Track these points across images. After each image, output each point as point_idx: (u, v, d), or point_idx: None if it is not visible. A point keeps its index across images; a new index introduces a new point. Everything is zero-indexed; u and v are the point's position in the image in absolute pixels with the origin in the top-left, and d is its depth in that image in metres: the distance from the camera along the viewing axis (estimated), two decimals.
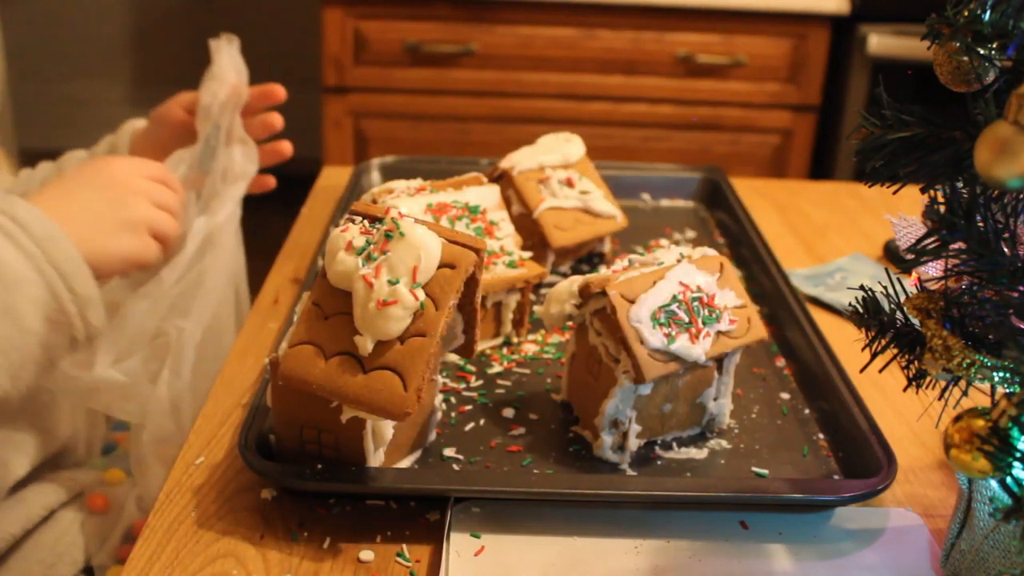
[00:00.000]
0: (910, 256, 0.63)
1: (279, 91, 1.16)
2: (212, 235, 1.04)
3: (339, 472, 0.77)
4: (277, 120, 1.17)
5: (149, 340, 0.97)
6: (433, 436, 0.86)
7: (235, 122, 1.11)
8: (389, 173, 1.35)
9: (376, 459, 0.78)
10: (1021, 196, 0.59)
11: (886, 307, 0.69)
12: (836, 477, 0.84)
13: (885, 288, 0.70)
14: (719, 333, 0.84)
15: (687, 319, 0.82)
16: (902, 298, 0.68)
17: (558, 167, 1.16)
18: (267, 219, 1.28)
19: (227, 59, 1.13)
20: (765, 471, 0.84)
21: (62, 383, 0.91)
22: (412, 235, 0.72)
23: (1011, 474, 0.57)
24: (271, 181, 1.20)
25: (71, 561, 0.95)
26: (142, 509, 0.96)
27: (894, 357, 0.70)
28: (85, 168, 0.97)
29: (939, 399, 0.66)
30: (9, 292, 0.83)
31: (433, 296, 0.72)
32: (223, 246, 1.06)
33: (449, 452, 0.85)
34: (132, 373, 0.94)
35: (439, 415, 0.87)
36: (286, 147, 1.19)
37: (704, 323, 0.83)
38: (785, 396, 0.95)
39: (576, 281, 0.86)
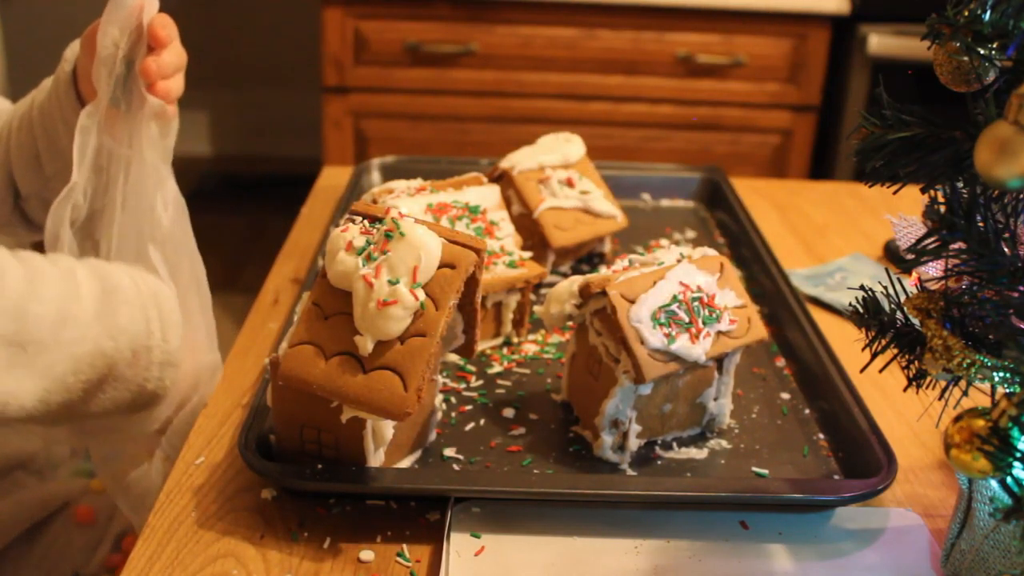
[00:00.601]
0: (910, 256, 0.63)
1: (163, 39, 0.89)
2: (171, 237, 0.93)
3: (339, 472, 0.77)
4: (174, 90, 0.92)
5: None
6: (433, 436, 0.86)
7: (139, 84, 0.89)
8: (389, 173, 1.35)
9: (376, 459, 0.78)
10: (1021, 196, 0.59)
11: (886, 307, 0.69)
12: (836, 477, 0.84)
13: (885, 288, 0.70)
14: (719, 333, 0.84)
15: (687, 319, 0.82)
16: (902, 298, 0.68)
17: (558, 167, 1.16)
18: (267, 219, 1.27)
19: None
20: (765, 471, 0.84)
21: None
22: (412, 235, 0.72)
23: (1011, 474, 0.57)
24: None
25: (60, 574, 0.94)
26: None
27: (894, 357, 0.70)
28: None
29: (939, 399, 0.66)
30: (113, 310, 0.81)
31: (433, 296, 0.72)
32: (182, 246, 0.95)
33: (449, 452, 0.85)
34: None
35: (439, 415, 0.87)
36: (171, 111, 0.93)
37: (704, 323, 0.83)
38: (785, 396, 0.95)
39: (576, 281, 0.86)
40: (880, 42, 2.16)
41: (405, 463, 0.83)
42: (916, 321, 0.66)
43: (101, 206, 0.90)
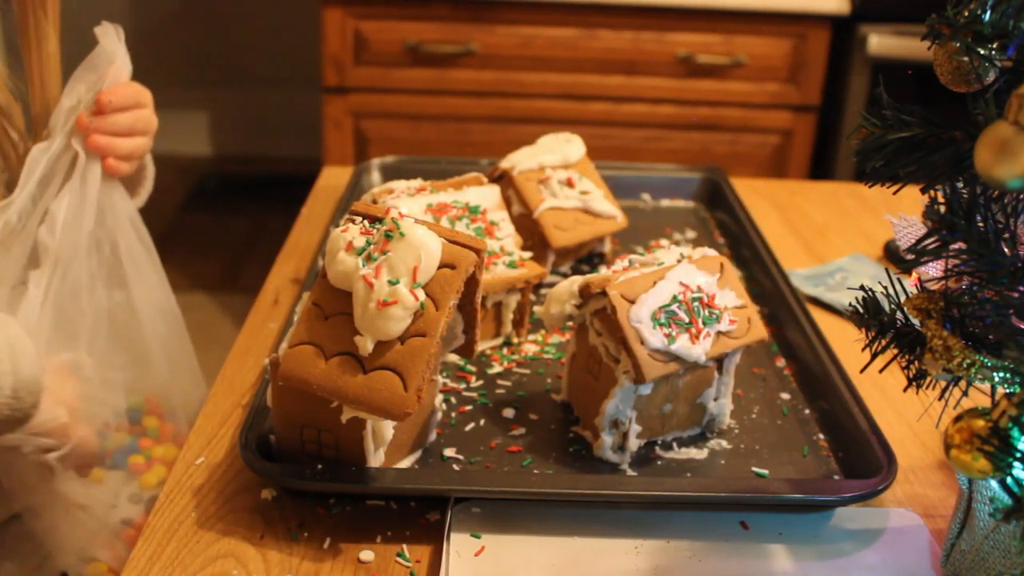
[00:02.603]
0: (910, 256, 0.63)
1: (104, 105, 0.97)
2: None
3: (339, 472, 0.77)
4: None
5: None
6: (433, 436, 0.86)
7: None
8: (389, 173, 1.35)
9: (376, 459, 0.78)
10: (1021, 196, 0.59)
11: (886, 307, 0.69)
12: (836, 477, 0.84)
13: (885, 288, 0.70)
14: (719, 333, 0.84)
15: (687, 319, 0.82)
16: (902, 298, 0.68)
17: (558, 167, 1.16)
18: (267, 219, 1.27)
19: (110, 55, 0.97)
20: (765, 471, 0.84)
21: None
22: (412, 235, 0.72)
23: (1011, 474, 0.57)
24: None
25: (61, 557, 0.95)
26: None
27: (894, 357, 0.70)
28: None
29: (939, 399, 0.66)
30: None
31: (433, 296, 0.72)
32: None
33: (449, 452, 0.85)
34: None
35: (439, 415, 0.87)
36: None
37: (704, 323, 0.83)
38: (785, 396, 0.95)
39: (576, 281, 0.86)
40: (880, 42, 2.16)
41: (405, 463, 0.83)
42: (916, 321, 0.66)
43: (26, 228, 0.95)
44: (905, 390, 0.70)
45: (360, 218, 0.76)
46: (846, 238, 1.34)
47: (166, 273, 1.06)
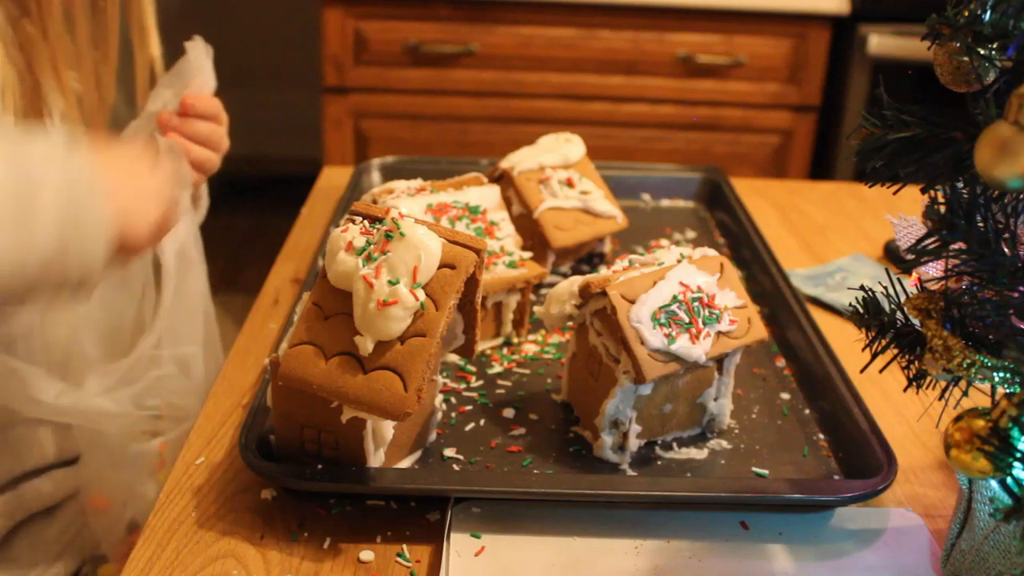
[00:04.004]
0: (910, 256, 0.63)
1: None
2: (183, 251, 1.02)
3: (339, 472, 0.77)
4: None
5: (144, 372, 0.98)
6: (433, 436, 0.86)
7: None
8: (389, 173, 1.34)
9: (376, 459, 0.78)
10: (1021, 196, 0.59)
11: (886, 307, 0.69)
12: (836, 477, 0.84)
13: (885, 288, 0.70)
14: (719, 333, 0.84)
15: (687, 319, 0.82)
16: (902, 298, 0.68)
17: (558, 167, 1.16)
18: (267, 219, 1.28)
19: (197, 67, 1.01)
20: (765, 471, 0.84)
21: (41, 409, 0.91)
22: (412, 235, 0.72)
23: (1011, 474, 0.57)
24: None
25: (73, 555, 0.95)
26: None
27: (894, 357, 0.70)
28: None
29: (939, 399, 0.66)
30: (33, 187, 0.77)
31: (433, 296, 0.72)
32: (193, 260, 1.04)
33: (449, 452, 0.85)
34: (121, 402, 0.95)
35: (439, 415, 0.87)
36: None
37: (704, 323, 0.83)
38: (785, 396, 0.95)
39: (576, 281, 0.86)
40: (880, 42, 2.16)
41: (405, 463, 0.83)
42: (916, 321, 0.66)
43: None
44: (905, 390, 0.70)
45: (360, 218, 0.76)
46: (846, 238, 1.34)
47: None
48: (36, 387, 0.91)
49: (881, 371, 0.73)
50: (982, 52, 0.58)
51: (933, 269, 0.67)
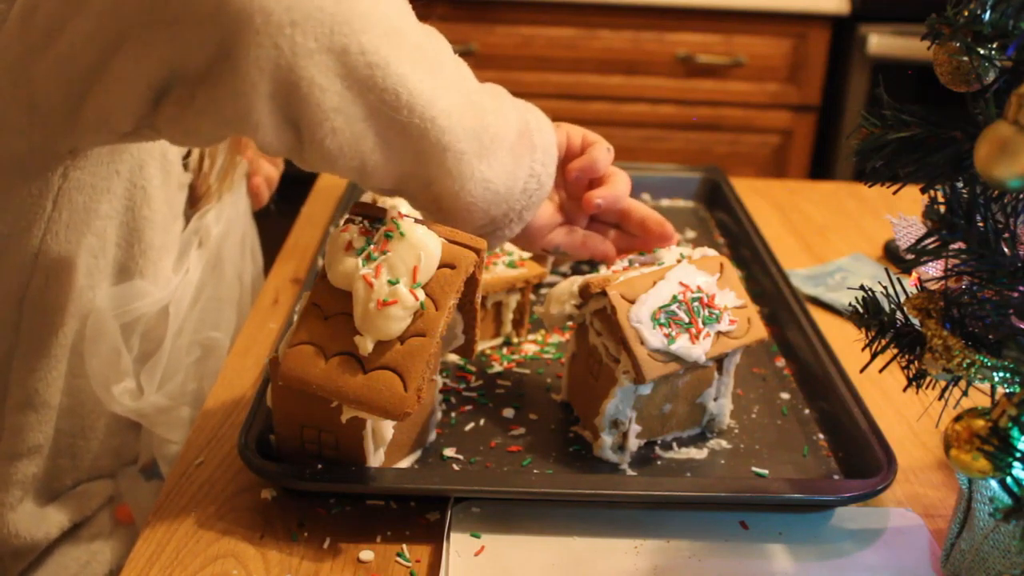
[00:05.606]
0: (910, 256, 0.63)
1: None
2: (227, 235, 1.06)
3: (339, 472, 0.77)
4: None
5: (185, 360, 0.99)
6: (433, 436, 0.86)
7: None
8: None
9: (376, 459, 0.78)
10: (1021, 196, 0.59)
11: (886, 307, 0.69)
12: (836, 477, 0.84)
13: (885, 288, 0.70)
14: (719, 333, 0.84)
15: (687, 319, 0.82)
16: (902, 298, 0.68)
17: None
18: (267, 219, 1.28)
19: None
20: (765, 471, 0.84)
21: (116, 409, 0.91)
22: (412, 235, 0.72)
23: (1011, 474, 0.57)
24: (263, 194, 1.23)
25: (99, 568, 0.95)
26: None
27: (894, 357, 0.70)
28: None
29: (939, 399, 0.66)
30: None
31: (433, 296, 0.72)
32: (236, 248, 1.08)
33: (449, 452, 0.85)
34: (172, 395, 0.96)
35: (439, 415, 0.87)
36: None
37: (704, 323, 0.83)
38: (785, 396, 0.95)
39: (576, 281, 0.86)
40: (880, 42, 2.16)
41: (405, 463, 0.83)
42: (916, 321, 0.66)
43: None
44: (905, 390, 0.70)
45: (360, 218, 0.76)
46: (846, 238, 1.34)
47: None
48: (115, 389, 0.91)
49: (881, 371, 0.73)
50: (982, 52, 0.58)
51: (933, 269, 0.67)
